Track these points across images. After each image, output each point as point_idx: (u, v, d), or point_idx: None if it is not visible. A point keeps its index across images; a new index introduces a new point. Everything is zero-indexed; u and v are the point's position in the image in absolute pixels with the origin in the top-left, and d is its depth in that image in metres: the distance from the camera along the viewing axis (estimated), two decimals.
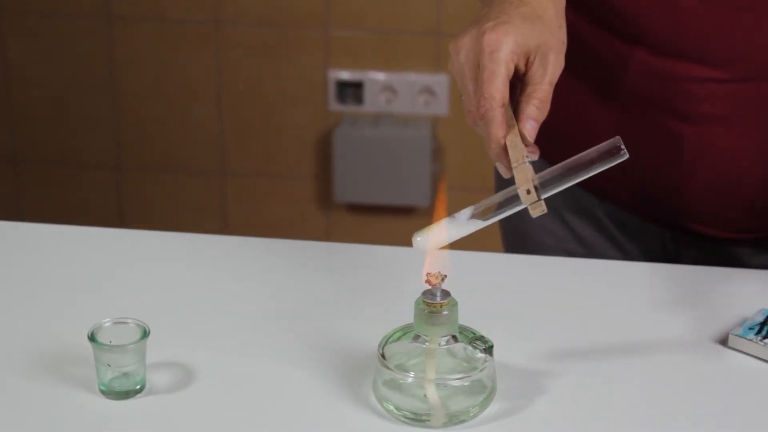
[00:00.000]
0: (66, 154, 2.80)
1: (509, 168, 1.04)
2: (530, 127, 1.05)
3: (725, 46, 1.20)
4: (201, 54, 2.68)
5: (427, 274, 1.03)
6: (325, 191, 2.75)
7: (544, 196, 1.03)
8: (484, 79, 1.04)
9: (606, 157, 1.03)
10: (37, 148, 2.80)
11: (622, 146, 1.03)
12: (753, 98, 1.22)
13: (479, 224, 1.05)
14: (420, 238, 1.04)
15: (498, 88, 1.04)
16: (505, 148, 1.04)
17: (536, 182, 1.03)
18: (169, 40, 2.68)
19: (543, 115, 1.06)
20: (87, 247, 1.31)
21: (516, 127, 1.05)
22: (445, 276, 1.03)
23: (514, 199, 1.04)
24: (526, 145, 1.04)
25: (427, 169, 2.67)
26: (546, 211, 1.03)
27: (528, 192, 1.03)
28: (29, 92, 2.76)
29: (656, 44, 1.22)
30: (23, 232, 1.36)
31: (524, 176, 1.03)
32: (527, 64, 1.07)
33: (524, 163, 1.03)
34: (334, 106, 2.67)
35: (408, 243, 1.33)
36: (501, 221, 1.49)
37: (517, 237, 1.46)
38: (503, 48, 1.04)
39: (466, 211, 1.05)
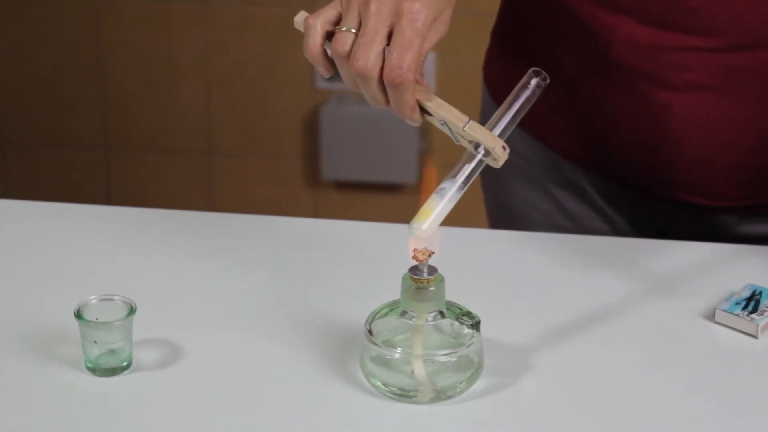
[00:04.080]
0: (53, 134, 2.79)
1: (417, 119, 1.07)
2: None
3: (713, 14, 1.20)
4: (188, 33, 2.67)
5: (414, 251, 1.03)
6: (312, 169, 2.74)
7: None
8: (403, 45, 1.03)
9: (536, 92, 1.04)
10: (23, 128, 2.80)
11: (542, 73, 1.04)
12: (740, 67, 1.22)
13: (461, 192, 1.03)
14: (417, 225, 1.02)
15: (414, 60, 1.03)
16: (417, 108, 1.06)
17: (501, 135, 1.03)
18: (157, 20, 2.67)
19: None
20: (73, 224, 1.31)
21: (430, 92, 1.05)
22: (433, 252, 1.03)
23: (486, 157, 1.02)
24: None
25: (415, 146, 2.66)
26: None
27: (504, 148, 1.02)
28: (16, 72, 2.75)
29: (643, 13, 1.22)
30: (9, 209, 1.36)
31: (486, 134, 1.02)
32: None
33: (473, 120, 1.03)
34: (322, 83, 2.67)
35: (395, 219, 1.33)
36: (487, 198, 1.49)
37: (503, 213, 1.46)
38: (421, 18, 1.04)
39: (450, 185, 1.03)
